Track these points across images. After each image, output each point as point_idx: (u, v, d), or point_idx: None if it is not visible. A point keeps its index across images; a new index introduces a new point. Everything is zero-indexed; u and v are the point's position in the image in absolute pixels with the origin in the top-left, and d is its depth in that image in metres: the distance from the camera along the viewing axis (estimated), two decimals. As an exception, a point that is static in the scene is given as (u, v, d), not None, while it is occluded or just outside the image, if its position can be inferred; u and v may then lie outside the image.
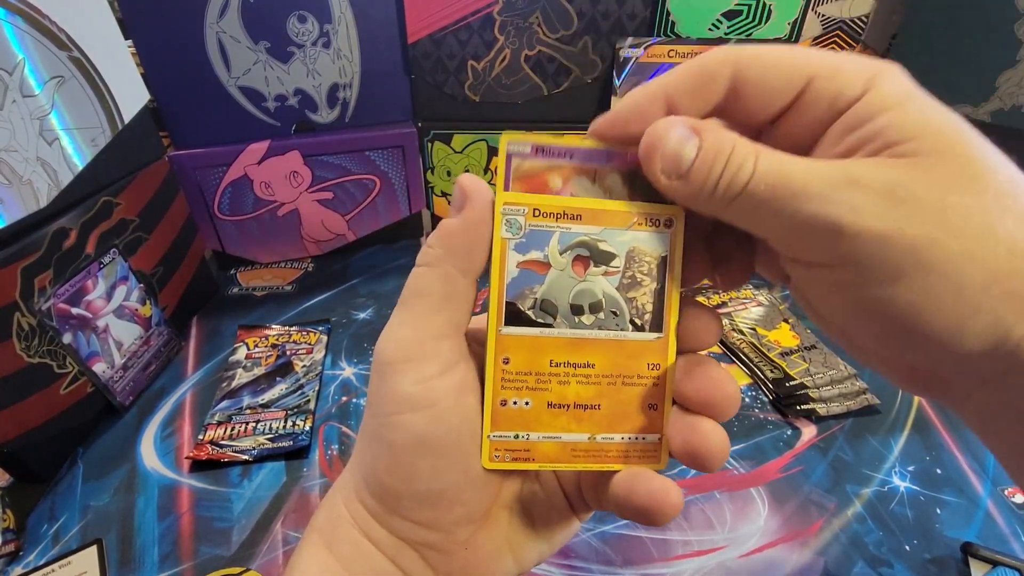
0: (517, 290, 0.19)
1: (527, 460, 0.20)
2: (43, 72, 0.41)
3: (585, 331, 0.20)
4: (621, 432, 0.20)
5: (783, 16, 0.57)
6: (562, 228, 0.19)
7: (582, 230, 0.20)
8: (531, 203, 0.19)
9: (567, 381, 0.20)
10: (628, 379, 0.20)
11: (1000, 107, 0.47)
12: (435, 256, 0.19)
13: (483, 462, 0.20)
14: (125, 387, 0.49)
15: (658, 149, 0.17)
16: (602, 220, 0.20)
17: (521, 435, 0.20)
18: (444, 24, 0.59)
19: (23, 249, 0.40)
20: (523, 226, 0.19)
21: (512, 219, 0.19)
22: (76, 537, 0.39)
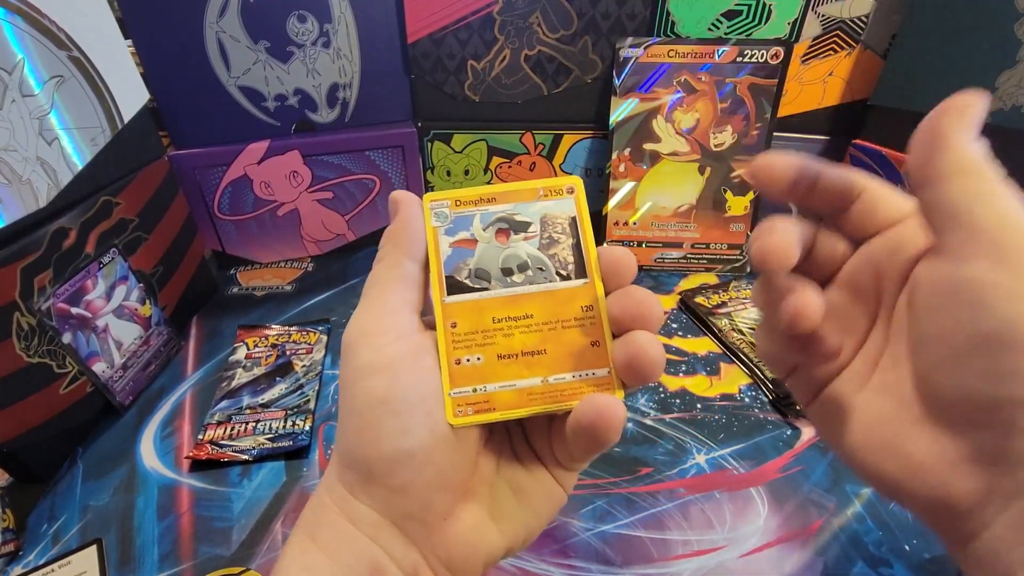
0: (453, 265, 0.23)
1: (489, 410, 0.21)
2: (43, 72, 0.41)
3: (518, 287, 0.23)
4: (571, 371, 0.22)
5: (783, 16, 0.57)
6: (481, 210, 0.23)
7: (498, 208, 0.23)
8: (451, 196, 0.23)
9: (511, 333, 0.22)
10: (566, 323, 0.22)
11: (1000, 107, 0.47)
12: (384, 252, 0.23)
13: (448, 418, 0.21)
14: (125, 387, 0.49)
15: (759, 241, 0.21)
16: (513, 198, 0.24)
17: (479, 388, 0.22)
18: (444, 24, 0.59)
19: (23, 249, 0.40)
20: (448, 215, 0.23)
21: (439, 211, 0.23)
22: (76, 537, 0.39)
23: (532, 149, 0.67)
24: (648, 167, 0.64)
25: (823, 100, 0.62)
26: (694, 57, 0.59)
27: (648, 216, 0.65)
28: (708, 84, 0.60)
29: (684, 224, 0.65)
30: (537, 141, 0.66)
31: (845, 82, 0.60)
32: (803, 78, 0.61)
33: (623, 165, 0.64)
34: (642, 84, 0.60)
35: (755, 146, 0.62)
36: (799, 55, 0.59)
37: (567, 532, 0.39)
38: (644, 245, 0.66)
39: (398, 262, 0.22)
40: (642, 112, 0.62)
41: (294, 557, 0.21)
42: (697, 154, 0.63)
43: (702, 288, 0.62)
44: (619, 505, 0.40)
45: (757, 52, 0.58)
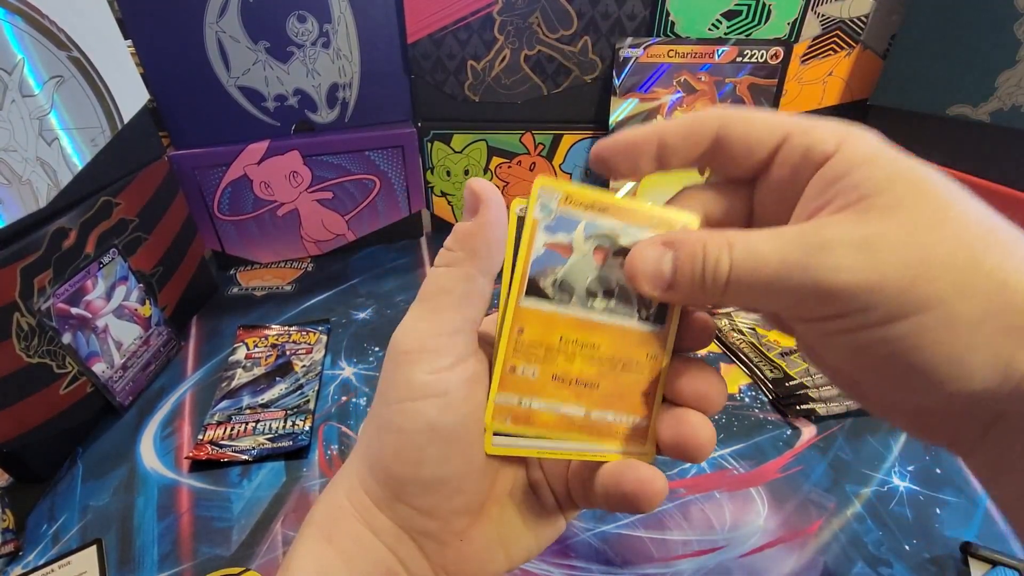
0: (540, 267, 0.21)
1: (527, 425, 0.21)
2: (42, 72, 0.41)
3: (596, 314, 0.21)
4: (614, 411, 0.21)
5: (782, 16, 0.57)
6: (588, 218, 0.21)
7: (606, 223, 0.21)
8: (564, 190, 0.21)
9: (572, 357, 0.21)
10: (627, 365, 0.21)
11: (1000, 107, 0.47)
12: (455, 257, 0.20)
13: (486, 421, 0.21)
14: (125, 387, 0.49)
15: (639, 272, 0.19)
16: (625, 217, 0.21)
17: (524, 401, 0.21)
18: (444, 24, 0.59)
19: (22, 249, 0.40)
20: (554, 211, 0.21)
21: (546, 203, 0.21)
22: (76, 537, 0.39)
23: (532, 149, 0.67)
24: (647, 167, 0.64)
25: (823, 100, 0.62)
26: (694, 57, 0.59)
27: (648, 216, 0.65)
28: (708, 84, 0.60)
29: (684, 224, 0.65)
30: (537, 141, 0.66)
31: (845, 82, 0.60)
32: (803, 78, 0.61)
33: (623, 165, 0.64)
34: (642, 84, 0.60)
35: (755, 146, 0.62)
36: (799, 55, 0.59)
37: (567, 532, 0.39)
38: (644, 245, 0.66)
39: (470, 276, 0.20)
40: (642, 112, 0.62)
41: (309, 556, 0.20)
42: (697, 154, 0.63)
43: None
44: (619, 505, 0.40)
45: (757, 52, 0.58)
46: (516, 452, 0.21)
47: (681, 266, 0.18)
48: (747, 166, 0.19)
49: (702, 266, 0.17)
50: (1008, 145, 0.48)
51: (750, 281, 0.17)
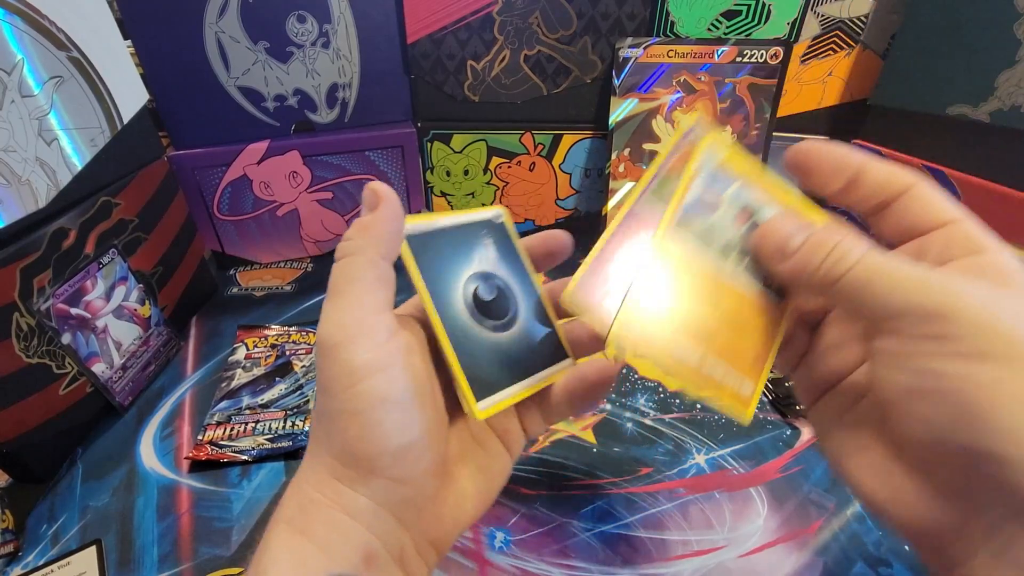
0: (689, 213, 0.22)
1: (644, 356, 0.21)
2: (42, 72, 0.41)
3: (727, 270, 0.22)
4: (726, 362, 0.22)
5: (782, 16, 0.57)
6: (742, 183, 0.23)
7: (755, 194, 0.23)
8: (728, 151, 0.23)
9: (700, 303, 0.22)
10: (746, 327, 0.22)
11: (999, 107, 0.47)
12: (357, 246, 0.22)
13: (607, 350, 0.22)
14: (124, 387, 0.49)
15: (771, 235, 0.21)
16: (772, 194, 0.23)
17: (647, 332, 0.21)
18: (444, 24, 0.59)
19: (22, 249, 0.40)
20: (715, 165, 0.22)
21: (711, 155, 0.22)
22: (75, 537, 0.39)
23: (532, 149, 0.67)
24: (648, 167, 0.64)
25: (823, 100, 0.62)
26: (693, 57, 0.59)
27: (648, 216, 0.65)
28: (707, 84, 0.60)
29: (684, 224, 0.65)
30: (537, 141, 0.66)
31: (844, 82, 0.60)
32: (802, 78, 0.61)
33: (623, 165, 0.64)
34: (642, 84, 0.60)
35: (755, 146, 0.62)
36: (798, 55, 0.59)
37: (567, 532, 0.39)
38: (644, 245, 0.66)
39: (374, 262, 0.22)
40: (642, 112, 0.62)
41: (283, 552, 0.20)
42: (697, 154, 0.63)
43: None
44: (619, 505, 0.40)
45: (756, 52, 0.58)
46: (504, 404, 0.22)
47: (808, 246, 0.20)
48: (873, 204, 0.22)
49: (827, 253, 0.19)
50: (1008, 145, 0.48)
51: (866, 281, 0.18)
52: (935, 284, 0.17)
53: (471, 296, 0.24)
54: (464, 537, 0.39)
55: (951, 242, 0.19)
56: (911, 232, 0.20)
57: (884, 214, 0.21)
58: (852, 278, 0.18)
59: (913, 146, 0.55)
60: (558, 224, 0.73)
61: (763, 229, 0.22)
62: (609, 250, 0.21)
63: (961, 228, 0.19)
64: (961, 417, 0.16)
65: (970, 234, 0.19)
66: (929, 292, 0.17)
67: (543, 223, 0.73)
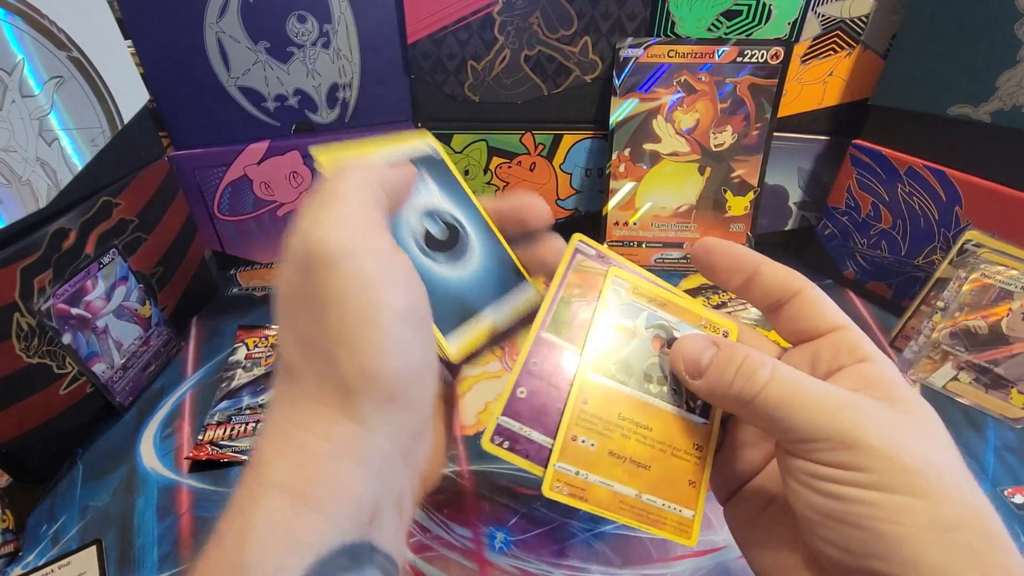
0: (607, 346, 0.23)
1: (582, 499, 0.22)
2: (42, 72, 0.41)
3: (651, 398, 0.23)
4: (663, 498, 0.23)
5: (783, 16, 0.57)
6: (650, 309, 0.24)
7: (664, 316, 0.24)
8: (633, 282, 0.24)
9: (628, 436, 0.23)
10: (676, 452, 0.23)
11: (1000, 107, 0.47)
12: (354, 166, 0.21)
13: (544, 490, 0.22)
14: (125, 387, 0.49)
15: (681, 354, 0.22)
16: (680, 314, 0.24)
17: (582, 473, 0.22)
18: (444, 24, 0.59)
19: (22, 249, 0.40)
20: (623, 297, 0.24)
21: (617, 289, 0.24)
22: (75, 537, 0.39)
23: (532, 149, 0.67)
24: (648, 167, 0.64)
25: (823, 100, 0.62)
26: (694, 57, 0.59)
27: (648, 216, 0.65)
28: (708, 84, 0.60)
29: (684, 224, 0.65)
30: (537, 141, 0.66)
31: (845, 82, 0.60)
32: (803, 78, 0.61)
33: (623, 165, 0.64)
34: (642, 84, 0.60)
35: (755, 146, 0.62)
36: (799, 55, 0.59)
37: (567, 533, 0.39)
38: (644, 245, 0.66)
39: (372, 181, 0.20)
40: (642, 112, 0.61)
41: (279, 529, 0.16)
42: (697, 154, 0.63)
43: (702, 288, 0.62)
44: (619, 506, 0.40)
45: (757, 52, 0.58)
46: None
47: (718, 363, 0.21)
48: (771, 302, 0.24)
49: (736, 369, 0.20)
50: (1009, 145, 0.48)
51: (780, 402, 0.19)
52: (843, 412, 0.18)
53: (423, 235, 0.24)
54: (464, 537, 0.39)
55: (839, 349, 0.22)
56: (803, 334, 0.23)
57: (778, 313, 0.23)
58: (765, 398, 0.19)
59: (914, 146, 0.54)
60: (559, 224, 0.73)
61: (674, 349, 0.23)
62: (526, 386, 0.22)
63: (848, 336, 0.22)
64: (869, 544, 0.18)
65: (856, 342, 0.21)
66: (839, 420, 0.18)
67: (543, 223, 0.73)
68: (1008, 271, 0.46)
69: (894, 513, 0.17)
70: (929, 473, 0.17)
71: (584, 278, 0.24)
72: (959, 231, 0.52)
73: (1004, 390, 0.48)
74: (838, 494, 0.18)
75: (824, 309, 0.23)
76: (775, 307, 0.24)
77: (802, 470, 0.19)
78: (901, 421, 0.19)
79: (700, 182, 0.64)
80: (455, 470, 0.44)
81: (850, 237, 0.62)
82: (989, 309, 0.47)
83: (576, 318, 0.23)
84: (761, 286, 0.23)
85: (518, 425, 0.22)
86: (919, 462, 0.18)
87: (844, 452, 0.18)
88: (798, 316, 0.23)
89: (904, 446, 0.18)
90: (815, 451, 0.19)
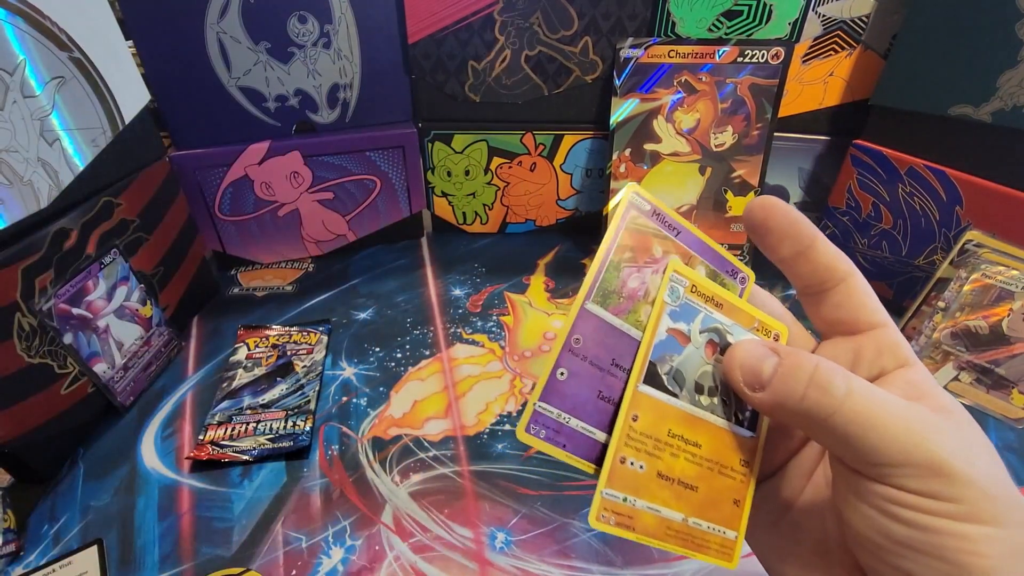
0: (660, 354, 0.20)
1: (629, 528, 0.20)
2: (44, 73, 0.41)
3: (701, 411, 0.21)
4: (708, 520, 0.21)
5: (784, 16, 0.57)
6: (707, 311, 0.21)
7: (720, 318, 0.21)
8: (693, 279, 0.21)
9: (677, 455, 0.20)
10: (724, 469, 0.21)
11: (1001, 107, 0.47)
12: None
13: (591, 520, 0.19)
14: (126, 387, 0.49)
15: (739, 362, 0.20)
16: (735, 315, 0.22)
17: (629, 499, 0.20)
18: (444, 24, 0.59)
19: (24, 249, 0.40)
20: (681, 296, 0.21)
21: (675, 287, 0.21)
22: (77, 537, 0.39)
23: (532, 149, 0.67)
24: (649, 167, 0.64)
25: (824, 100, 0.62)
26: (695, 57, 0.59)
27: (649, 216, 0.65)
28: (709, 84, 0.60)
29: (685, 224, 0.65)
30: (538, 141, 0.66)
31: (846, 82, 0.60)
32: (804, 78, 0.61)
33: (624, 165, 0.64)
34: (643, 84, 0.60)
35: (756, 146, 0.62)
36: (800, 55, 0.59)
37: (567, 533, 0.39)
38: (645, 245, 0.66)
39: None
40: (643, 112, 0.61)
41: None
42: (698, 154, 0.63)
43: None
44: (619, 506, 0.40)
45: (758, 52, 0.58)
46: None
47: (783, 374, 0.19)
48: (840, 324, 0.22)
49: (807, 382, 0.18)
50: (1009, 145, 0.48)
51: (859, 421, 0.17)
52: (929, 435, 0.17)
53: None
54: (465, 537, 0.39)
55: (882, 350, 0.20)
56: (843, 326, 0.21)
57: (820, 298, 0.21)
58: (844, 419, 0.18)
59: (915, 146, 0.54)
60: (559, 224, 0.73)
61: (729, 358, 0.21)
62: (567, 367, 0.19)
63: (889, 336, 0.20)
64: (946, 574, 0.17)
65: (898, 343, 0.20)
66: (926, 443, 0.17)
67: (544, 223, 0.73)
68: (1009, 271, 0.46)
69: (980, 545, 0.16)
70: (1008, 500, 0.17)
71: (637, 239, 0.20)
72: (960, 231, 0.52)
73: (1005, 390, 0.48)
74: (923, 524, 0.17)
75: (869, 301, 0.21)
76: (818, 290, 0.21)
77: (879, 495, 0.18)
78: (968, 441, 0.18)
79: (701, 182, 0.64)
80: (455, 470, 0.44)
81: (851, 237, 0.62)
82: (990, 309, 0.47)
83: (625, 287, 0.20)
84: (811, 262, 0.21)
85: (557, 412, 0.19)
86: (998, 489, 0.17)
87: (933, 480, 0.17)
88: (842, 305, 0.21)
89: (984, 472, 0.17)
90: (898, 476, 0.17)
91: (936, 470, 0.17)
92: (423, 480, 0.43)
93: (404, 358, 0.54)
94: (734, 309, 0.22)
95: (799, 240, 0.21)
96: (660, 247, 0.21)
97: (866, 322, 0.21)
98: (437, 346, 0.56)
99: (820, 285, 0.21)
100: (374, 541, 0.39)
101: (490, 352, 0.55)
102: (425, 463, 0.44)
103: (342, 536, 0.39)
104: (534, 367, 0.54)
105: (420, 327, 0.58)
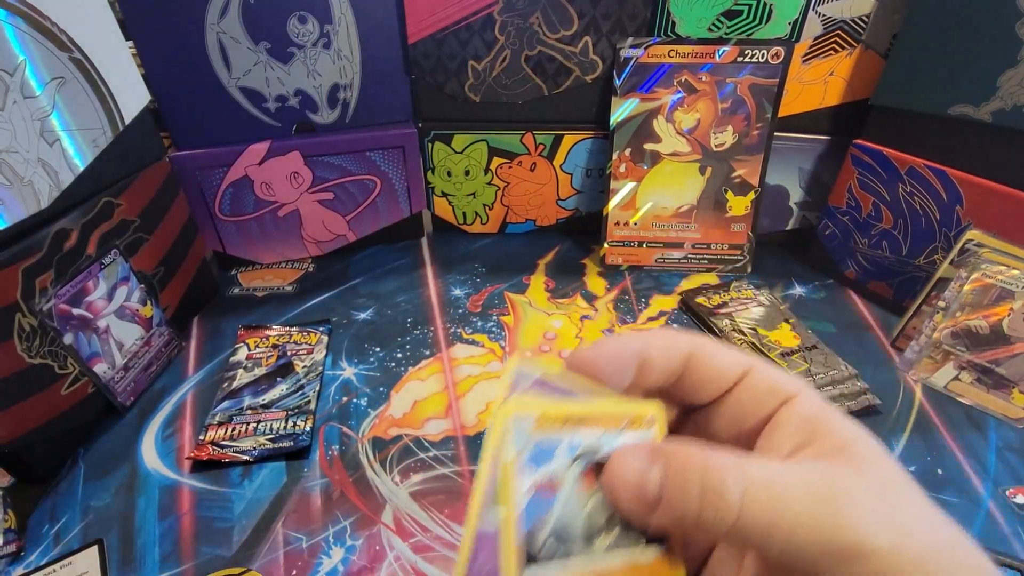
0: (531, 520, 0.17)
1: None
2: (44, 73, 0.41)
3: (604, 555, 0.18)
4: None
5: (783, 16, 0.57)
6: (568, 436, 0.18)
7: (585, 436, 0.18)
8: (538, 408, 0.17)
9: None
10: None
11: (1001, 107, 0.47)
12: None
13: None
14: (126, 387, 0.49)
15: (619, 486, 0.17)
16: (601, 422, 0.18)
17: None
18: (445, 24, 0.59)
19: (24, 250, 0.40)
20: (529, 437, 0.17)
21: (520, 428, 0.17)
22: (77, 537, 0.39)
23: (533, 149, 0.67)
24: (649, 167, 0.64)
25: (824, 100, 0.61)
26: (695, 57, 0.59)
27: (649, 216, 0.65)
28: (709, 84, 0.60)
29: (685, 224, 0.65)
30: (538, 141, 0.66)
31: (846, 82, 0.60)
32: (804, 78, 0.61)
33: (624, 165, 0.64)
34: (643, 84, 0.60)
35: (756, 146, 0.62)
36: (800, 55, 0.59)
37: (568, 533, 0.39)
38: (645, 245, 0.66)
39: None
40: (643, 112, 0.61)
41: None
42: (698, 154, 0.63)
43: (703, 288, 0.62)
44: (620, 506, 0.40)
45: (758, 52, 0.58)
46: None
47: (671, 488, 0.16)
48: (709, 393, 0.19)
49: (698, 493, 0.16)
50: (1010, 145, 0.48)
51: (765, 524, 0.15)
52: (840, 514, 0.15)
53: None
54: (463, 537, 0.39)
55: (758, 396, 0.18)
56: (711, 395, 0.19)
57: (677, 386, 0.19)
58: (746, 527, 0.16)
59: (915, 146, 0.54)
60: (559, 224, 0.73)
61: (608, 484, 0.18)
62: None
63: (759, 378, 0.18)
64: None
65: (771, 380, 0.18)
66: (839, 529, 0.15)
67: (544, 223, 0.73)
68: (1009, 271, 0.46)
69: None
70: (936, 554, 0.15)
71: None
72: (960, 231, 0.52)
73: (1005, 390, 0.48)
74: None
75: (721, 361, 0.19)
76: (672, 384, 0.19)
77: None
78: (881, 491, 0.16)
79: (701, 182, 0.64)
80: (455, 470, 0.44)
81: (851, 237, 0.62)
82: (990, 309, 0.47)
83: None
84: (653, 371, 0.19)
85: None
86: (920, 543, 0.15)
87: (851, 565, 0.15)
88: (699, 377, 0.19)
89: (904, 530, 0.15)
90: (821, 570, 0.16)
91: (851, 554, 0.15)
92: (423, 480, 0.43)
93: (404, 358, 0.54)
94: (599, 418, 0.18)
95: (624, 362, 0.19)
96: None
97: (731, 377, 0.19)
98: (437, 346, 0.56)
99: (671, 376, 0.19)
100: (374, 541, 0.39)
101: (490, 352, 0.55)
102: (425, 463, 0.44)
103: (342, 536, 0.39)
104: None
105: (420, 327, 0.58)
